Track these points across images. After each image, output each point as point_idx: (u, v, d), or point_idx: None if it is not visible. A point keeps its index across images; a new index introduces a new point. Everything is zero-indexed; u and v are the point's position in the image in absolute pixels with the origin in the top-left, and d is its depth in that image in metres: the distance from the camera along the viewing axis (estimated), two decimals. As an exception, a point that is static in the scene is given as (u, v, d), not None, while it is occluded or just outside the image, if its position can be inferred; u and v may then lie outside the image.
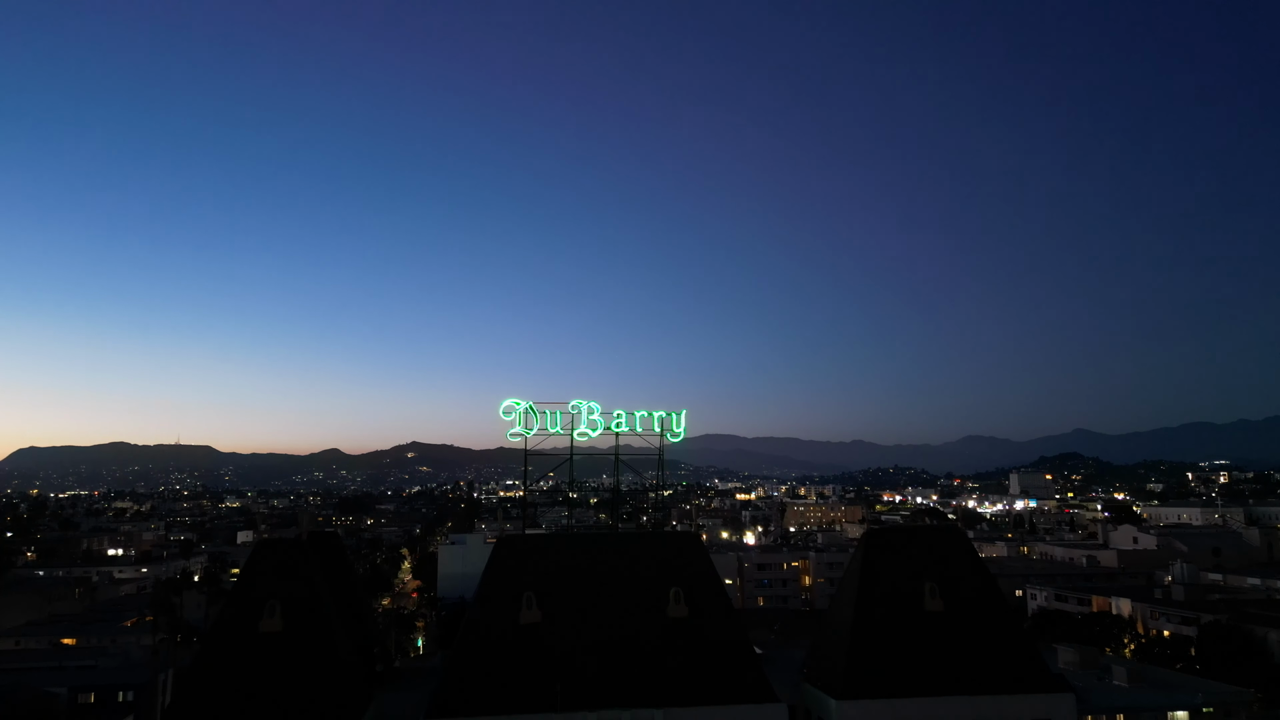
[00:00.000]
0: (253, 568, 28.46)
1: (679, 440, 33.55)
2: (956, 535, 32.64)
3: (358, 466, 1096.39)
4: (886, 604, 30.73)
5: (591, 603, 29.58)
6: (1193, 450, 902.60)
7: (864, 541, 31.64)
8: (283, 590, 27.98)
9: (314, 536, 34.34)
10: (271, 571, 28.43)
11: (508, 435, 31.90)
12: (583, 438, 32.33)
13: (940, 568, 31.62)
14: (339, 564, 33.83)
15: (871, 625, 30.23)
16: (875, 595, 30.86)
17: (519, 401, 31.46)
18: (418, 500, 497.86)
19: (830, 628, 32.34)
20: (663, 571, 30.77)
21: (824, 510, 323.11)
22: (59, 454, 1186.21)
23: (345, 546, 33.11)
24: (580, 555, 30.77)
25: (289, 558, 28.65)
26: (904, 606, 30.72)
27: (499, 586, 29.59)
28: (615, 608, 29.56)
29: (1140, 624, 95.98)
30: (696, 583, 30.59)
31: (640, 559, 31.13)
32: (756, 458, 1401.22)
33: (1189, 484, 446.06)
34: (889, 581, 31.16)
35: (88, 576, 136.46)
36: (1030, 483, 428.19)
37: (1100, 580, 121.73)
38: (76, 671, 71.41)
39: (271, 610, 27.21)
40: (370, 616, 33.03)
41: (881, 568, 31.39)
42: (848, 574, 32.30)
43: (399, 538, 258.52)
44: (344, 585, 33.59)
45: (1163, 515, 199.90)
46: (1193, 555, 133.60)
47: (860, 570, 31.23)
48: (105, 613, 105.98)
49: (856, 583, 31.03)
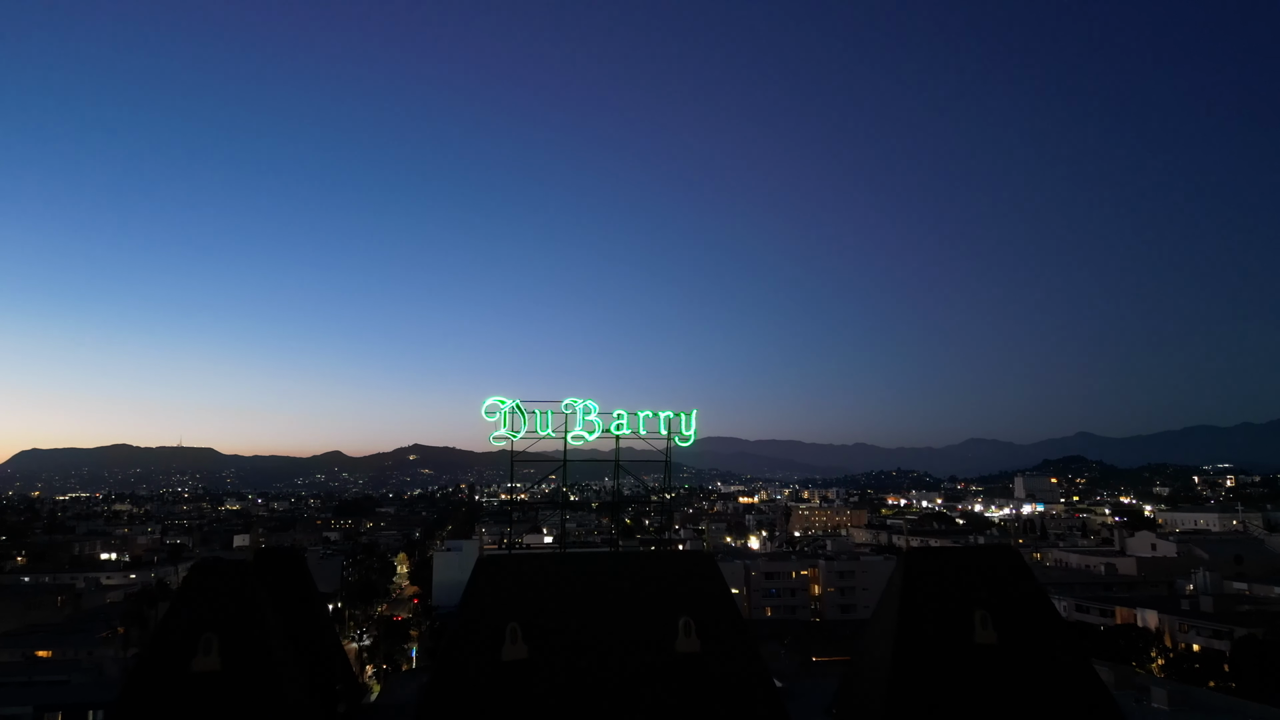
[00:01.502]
0: (185, 595, 24.07)
1: (689, 444, 29.16)
2: (1010, 555, 28.15)
3: (359, 469, 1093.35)
4: (931, 636, 26.29)
5: (586, 635, 25.08)
6: (1196, 453, 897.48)
7: (904, 562, 27.16)
8: (221, 622, 23.57)
9: (269, 554, 29.94)
10: (208, 600, 24.04)
11: (490, 438, 27.64)
12: (578, 441, 27.95)
13: (992, 593, 27.13)
14: (299, 586, 29.39)
15: (913, 661, 25.81)
16: (918, 625, 26.42)
17: (504, 400, 27.18)
18: (418, 503, 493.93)
19: (864, 662, 27.89)
20: (670, 597, 26.27)
21: (829, 514, 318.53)
22: (61, 456, 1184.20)
23: (306, 563, 28.72)
24: (574, 578, 26.22)
25: (229, 582, 24.24)
26: (951, 639, 26.29)
27: (479, 616, 25.14)
28: (614, 641, 25.07)
29: (1168, 637, 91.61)
30: (709, 611, 26.09)
31: (644, 582, 26.57)
32: (759, 460, 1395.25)
33: (1195, 488, 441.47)
34: (933, 609, 26.70)
35: (72, 583, 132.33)
36: (1035, 486, 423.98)
37: (1120, 589, 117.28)
38: (46, 688, 67.15)
39: (207, 646, 22.80)
40: (335, 647, 28.53)
41: (924, 593, 26.92)
42: (885, 600, 27.85)
43: (397, 541, 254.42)
44: (304, 611, 29.18)
45: (1179, 520, 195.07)
46: (1214, 563, 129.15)
47: (900, 596, 26.76)
48: (85, 623, 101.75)
49: (895, 611, 26.56)
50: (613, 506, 32.79)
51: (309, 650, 28.46)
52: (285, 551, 29.82)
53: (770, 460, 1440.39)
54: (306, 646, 28.43)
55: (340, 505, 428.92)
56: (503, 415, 27.85)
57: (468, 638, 24.66)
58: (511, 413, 27.92)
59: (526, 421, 28.08)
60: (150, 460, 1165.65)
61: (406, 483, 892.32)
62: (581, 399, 28.06)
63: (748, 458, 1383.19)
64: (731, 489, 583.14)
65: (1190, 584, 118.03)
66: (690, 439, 29.53)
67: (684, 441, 29.82)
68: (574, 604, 25.27)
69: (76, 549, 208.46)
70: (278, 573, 29.13)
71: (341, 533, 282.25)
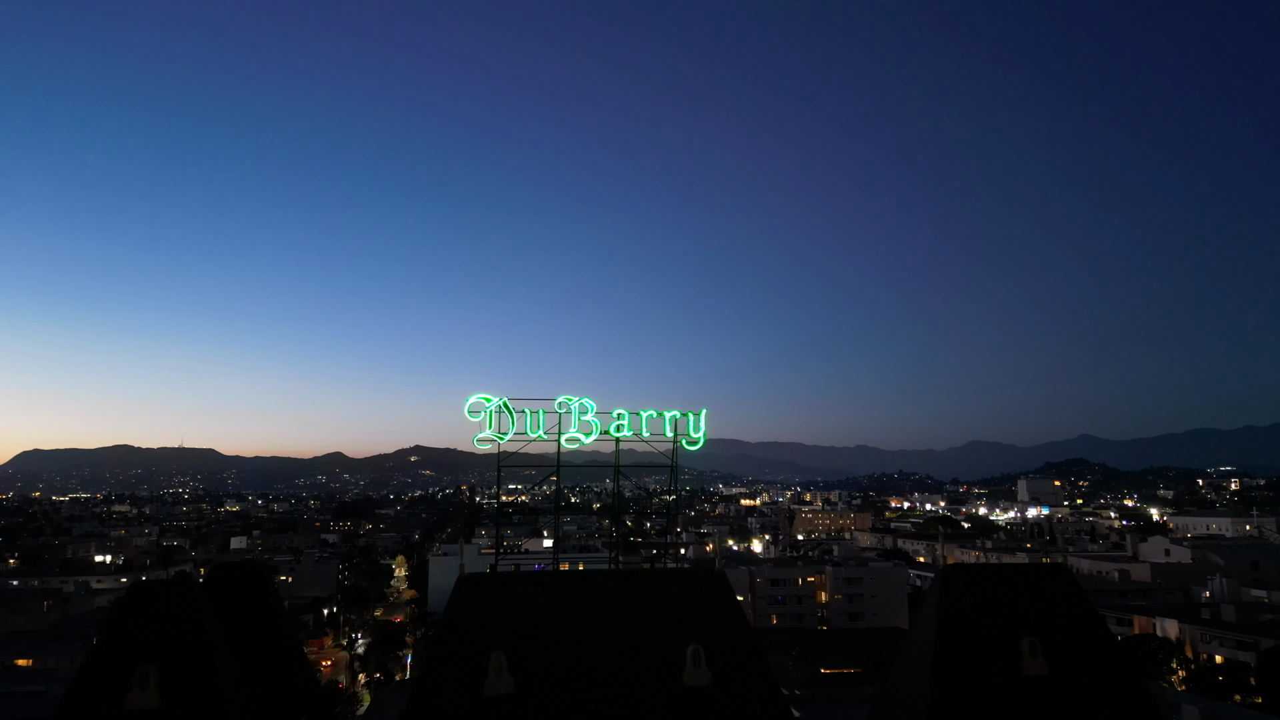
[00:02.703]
0: (119, 622, 21.00)
1: (697, 448, 26.04)
2: (1060, 575, 25.01)
3: (361, 470, 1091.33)
4: (973, 666, 23.17)
5: (581, 666, 21.94)
6: (1199, 456, 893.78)
7: (941, 581, 24.02)
8: (160, 651, 20.50)
9: (228, 569, 26.85)
10: (146, 626, 20.95)
11: (475, 441, 24.58)
12: (573, 444, 24.83)
13: (1042, 617, 24.01)
14: (262, 604, 26.32)
15: (953, 692, 22.70)
16: (957, 652, 23.30)
17: (489, 398, 24.10)
18: (418, 504, 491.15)
19: (896, 692, 24.77)
20: (677, 622, 23.12)
21: (833, 517, 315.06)
22: (62, 456, 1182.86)
23: (270, 577, 25.60)
24: (567, 600, 23.08)
25: (171, 606, 21.17)
26: (995, 669, 23.18)
27: (458, 643, 22.02)
28: (613, 673, 21.94)
29: (1189, 648, 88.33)
30: (721, 637, 22.95)
31: (647, 605, 23.40)
32: (760, 462, 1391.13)
33: (1199, 491, 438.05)
34: (976, 636, 23.57)
35: (60, 587, 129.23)
36: (1038, 489, 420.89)
37: (1135, 596, 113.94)
38: (24, 699, 64.30)
39: (144, 680, 19.71)
40: (302, 670, 25.41)
41: (965, 616, 23.78)
42: (919, 624, 24.71)
43: (396, 544, 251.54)
44: (267, 632, 26.08)
45: (1190, 525, 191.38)
46: (1230, 569, 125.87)
47: (937, 619, 23.62)
48: (71, 629, 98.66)
49: (932, 637, 23.43)
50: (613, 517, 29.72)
51: (271, 675, 25.39)
52: (246, 565, 26.78)
53: (771, 462, 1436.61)
54: (268, 671, 25.37)
55: (340, 507, 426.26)
56: (488, 415, 24.77)
57: (446, 668, 21.57)
58: (498, 412, 24.83)
59: (515, 422, 24.97)
60: (151, 461, 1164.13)
61: (408, 484, 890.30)
62: (577, 397, 24.91)
63: (749, 459, 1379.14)
64: (733, 491, 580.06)
65: (1207, 591, 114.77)
66: (699, 441, 26.42)
67: (692, 445, 26.73)
68: (567, 630, 22.15)
69: (70, 551, 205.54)
70: (237, 589, 26.06)
71: (340, 535, 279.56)
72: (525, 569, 29.24)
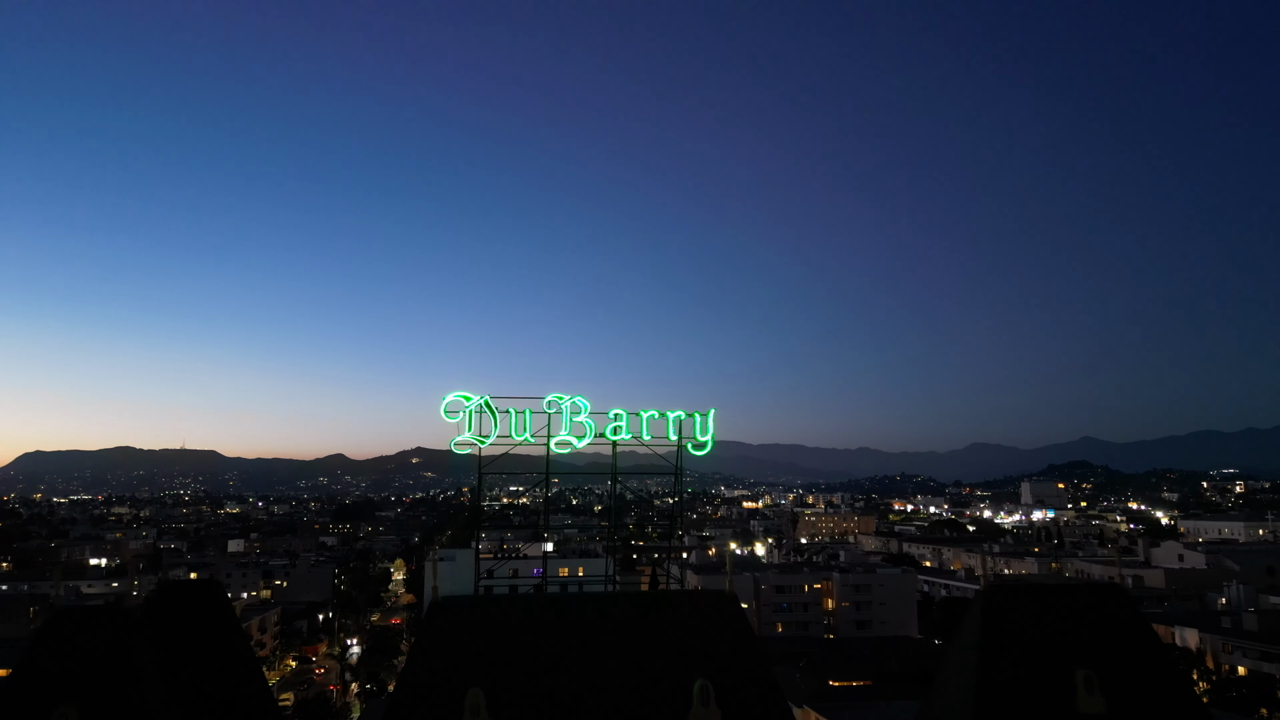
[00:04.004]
0: (37, 656, 18.18)
1: (705, 452, 23.14)
2: (1117, 597, 22.10)
3: (363, 472, 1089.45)
4: (1021, 702, 20.30)
5: (573, 706, 19.06)
6: (1201, 459, 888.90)
7: (982, 604, 21.12)
8: (83, 688, 17.68)
9: (176, 588, 24.04)
10: (67, 659, 18.13)
11: (451, 445, 21.70)
12: (564, 449, 21.95)
13: (1097, 646, 21.13)
14: (215, 624, 23.47)
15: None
16: (1003, 687, 20.42)
17: (468, 396, 21.23)
18: (419, 507, 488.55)
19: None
20: (682, 653, 20.21)
21: (836, 520, 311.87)
22: (64, 458, 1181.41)
23: (225, 595, 22.80)
24: (556, 629, 20.18)
25: (97, 636, 18.35)
26: (1046, 705, 20.31)
27: (431, 679, 19.14)
28: (610, 714, 19.06)
29: (1210, 658, 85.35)
30: (733, 671, 20.06)
31: (648, 633, 20.49)
32: (762, 464, 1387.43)
33: (1204, 494, 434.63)
34: (1023, 667, 20.71)
35: (49, 593, 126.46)
36: (1042, 492, 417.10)
37: (1150, 603, 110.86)
38: None
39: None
40: (257, 695, 22.58)
41: (1011, 646, 20.90)
42: (958, 652, 21.79)
43: (395, 547, 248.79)
44: (221, 655, 23.23)
45: (1202, 529, 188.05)
46: (1245, 575, 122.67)
47: (980, 648, 20.74)
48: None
49: (975, 667, 20.55)
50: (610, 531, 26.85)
51: (221, 702, 22.54)
52: (196, 584, 23.93)
53: (773, 464, 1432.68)
54: (217, 699, 22.51)
55: (339, 509, 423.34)
56: (467, 415, 21.89)
57: (416, 708, 18.72)
58: (479, 412, 21.97)
59: (498, 423, 22.13)
60: (153, 463, 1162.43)
61: (410, 486, 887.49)
62: (569, 395, 21.94)
63: (750, 462, 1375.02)
64: (735, 493, 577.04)
65: (1223, 598, 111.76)
66: (707, 445, 23.55)
67: (699, 449, 23.85)
68: (556, 663, 19.26)
69: (64, 555, 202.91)
70: (189, 609, 23.22)
71: (339, 537, 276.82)
72: (524, 573, 26.48)
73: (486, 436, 22.58)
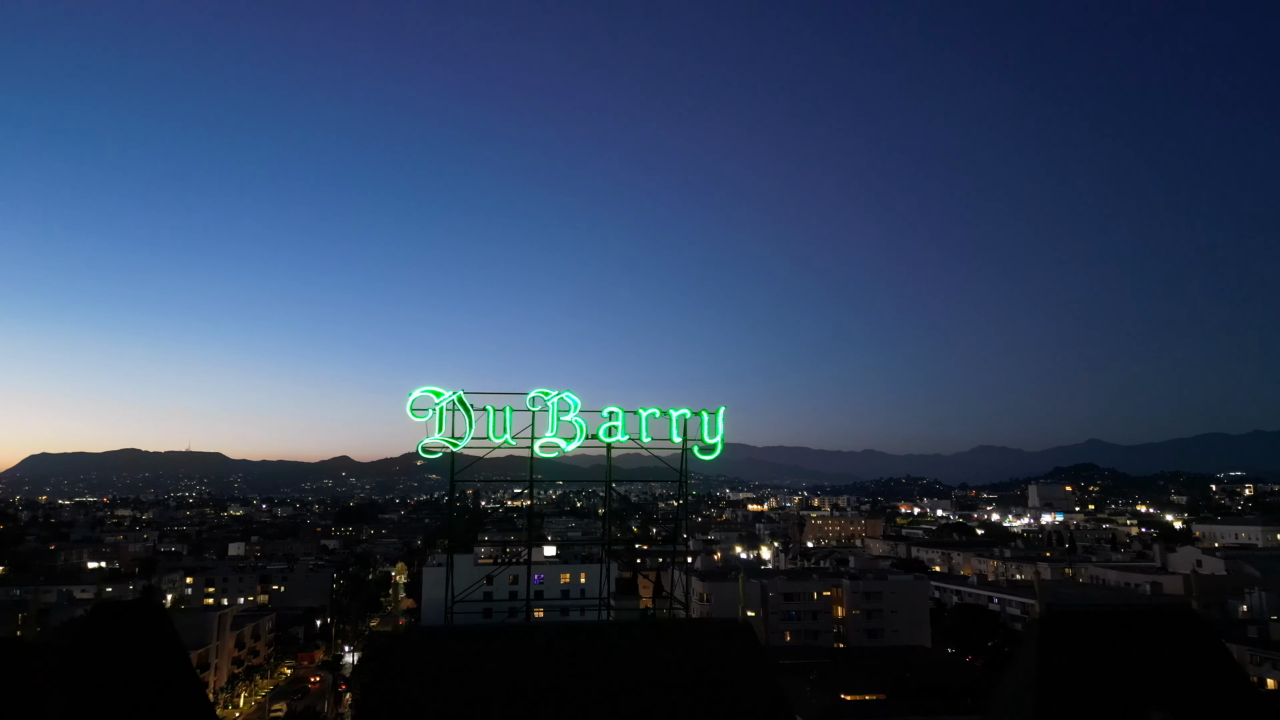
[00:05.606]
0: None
1: (713, 456, 20.14)
2: (1192, 623, 19.12)
3: (367, 474, 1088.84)
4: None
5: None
6: (1208, 461, 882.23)
7: (1041, 633, 18.16)
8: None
9: (115, 609, 21.20)
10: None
11: (419, 448, 18.84)
12: (550, 452, 19.01)
13: (1172, 680, 18.17)
14: (154, 646, 20.62)
15: (1057, 785, 16.84)
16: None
17: (439, 392, 18.22)
18: (422, 509, 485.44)
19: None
20: (688, 692, 17.30)
21: (843, 524, 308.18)
22: (70, 460, 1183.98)
23: (166, 615, 19.93)
24: (543, 664, 17.25)
25: (6, 670, 15.53)
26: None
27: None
28: (603, 765, 16.10)
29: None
30: (748, 713, 17.13)
31: (649, 669, 17.57)
32: (767, 467, 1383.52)
33: (1212, 496, 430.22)
34: (1089, 705, 17.74)
35: (41, 597, 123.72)
36: (1049, 494, 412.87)
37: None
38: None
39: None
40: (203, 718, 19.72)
41: (1074, 680, 17.96)
42: (1011, 686, 18.82)
43: (397, 550, 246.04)
44: (159, 682, 20.37)
45: (1218, 534, 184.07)
46: (1268, 581, 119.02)
47: (1038, 684, 17.80)
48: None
49: (1033, 706, 17.60)
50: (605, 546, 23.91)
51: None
52: (136, 604, 21.12)
53: (778, 467, 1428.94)
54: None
55: (342, 512, 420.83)
56: (438, 414, 18.96)
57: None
58: (451, 410, 19.03)
59: (474, 423, 19.22)
60: (159, 465, 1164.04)
61: (414, 488, 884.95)
62: (556, 391, 18.80)
63: (755, 464, 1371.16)
64: (740, 496, 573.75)
65: (1244, 605, 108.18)
66: (716, 448, 20.59)
67: (706, 453, 20.87)
68: (540, 707, 16.36)
69: (63, 558, 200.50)
70: (124, 633, 20.42)
71: (341, 540, 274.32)
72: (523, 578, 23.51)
73: (460, 438, 19.66)
